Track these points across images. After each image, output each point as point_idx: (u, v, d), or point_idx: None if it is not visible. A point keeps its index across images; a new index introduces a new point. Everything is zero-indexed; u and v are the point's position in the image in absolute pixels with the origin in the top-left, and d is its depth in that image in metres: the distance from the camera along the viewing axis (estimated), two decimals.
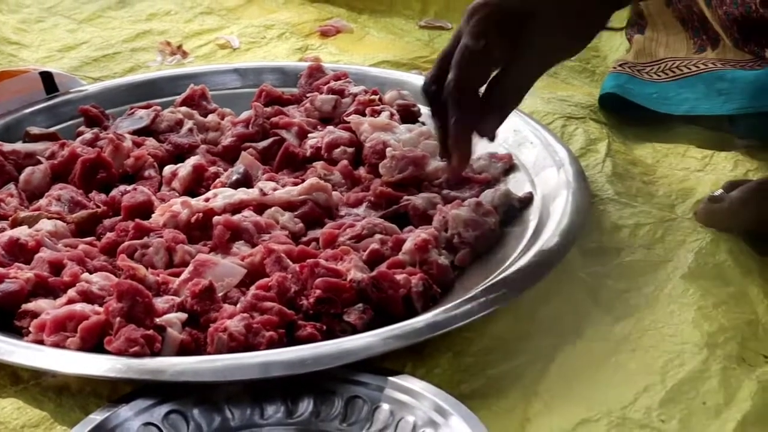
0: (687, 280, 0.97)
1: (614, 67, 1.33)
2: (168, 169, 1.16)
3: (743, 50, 1.21)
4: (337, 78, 1.30)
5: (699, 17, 1.27)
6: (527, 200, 1.09)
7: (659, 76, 1.28)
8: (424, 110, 1.26)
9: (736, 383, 0.85)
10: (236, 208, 1.07)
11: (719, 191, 1.06)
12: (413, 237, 1.01)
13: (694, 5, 1.26)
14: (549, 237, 1.00)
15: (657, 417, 0.82)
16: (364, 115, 1.23)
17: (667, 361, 0.88)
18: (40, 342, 0.90)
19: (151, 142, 1.21)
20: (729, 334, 0.90)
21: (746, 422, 0.81)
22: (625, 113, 1.29)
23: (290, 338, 0.91)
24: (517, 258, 0.99)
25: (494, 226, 1.03)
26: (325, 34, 1.61)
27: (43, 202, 1.10)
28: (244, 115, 1.25)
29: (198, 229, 1.05)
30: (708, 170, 1.18)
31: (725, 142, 1.24)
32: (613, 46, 1.47)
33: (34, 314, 0.92)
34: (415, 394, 0.83)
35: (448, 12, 1.66)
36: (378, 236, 1.01)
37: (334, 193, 1.10)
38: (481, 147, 1.16)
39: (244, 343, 0.88)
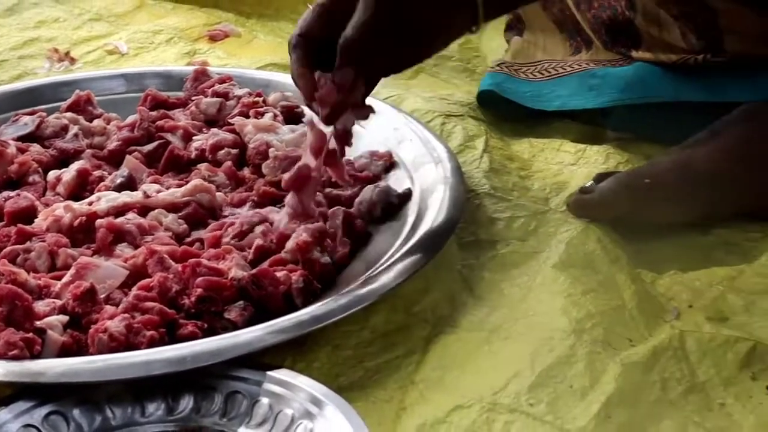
0: (558, 270, 0.98)
1: (492, 67, 1.34)
2: (52, 174, 1.14)
3: (612, 51, 1.23)
4: (221, 81, 1.30)
5: (572, 20, 1.29)
6: (406, 196, 1.10)
7: (535, 76, 1.30)
8: (308, 111, 1.26)
9: (601, 366, 0.86)
10: (119, 210, 1.06)
11: (590, 183, 1.08)
12: (296, 235, 1.01)
13: (567, 9, 1.29)
14: (426, 231, 1.01)
15: (526, 401, 0.83)
16: (248, 117, 1.23)
17: (537, 347, 0.89)
18: None
19: (35, 148, 1.19)
20: (596, 319, 0.92)
21: (610, 403, 0.83)
22: (503, 110, 1.31)
23: (172, 337, 0.90)
24: (395, 252, 1.00)
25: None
26: (213, 38, 1.60)
27: None
28: (130, 119, 1.24)
29: (81, 232, 1.04)
30: (581, 163, 1.20)
31: (598, 136, 1.27)
32: (493, 47, 1.49)
33: None
34: (293, 387, 0.83)
35: None
36: (259, 229, 1.02)
37: (218, 193, 1.10)
38: (362, 146, 1.18)
39: (125, 343, 0.88)
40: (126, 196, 1.07)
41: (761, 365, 0.88)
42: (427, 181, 1.10)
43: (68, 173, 1.13)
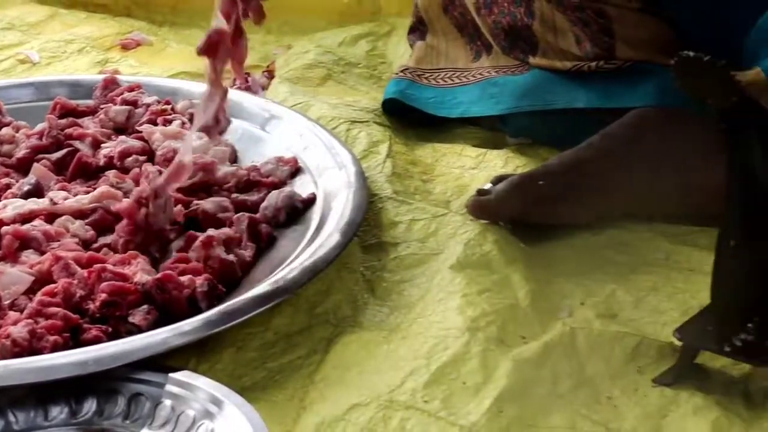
0: (455, 270, 1.00)
1: (396, 73, 1.36)
2: None
3: (510, 56, 1.25)
4: (130, 89, 1.30)
5: (473, 24, 1.31)
6: (310, 201, 1.11)
7: (438, 82, 1.32)
8: None
9: (494, 363, 0.88)
10: (26, 218, 1.06)
11: (488, 185, 1.10)
12: (203, 236, 1.02)
13: (468, 13, 1.30)
14: (329, 234, 1.03)
15: (421, 398, 0.85)
16: (156, 124, 1.23)
17: (433, 345, 0.90)
18: None
19: None
20: (490, 318, 0.93)
21: (502, 398, 0.84)
22: (407, 116, 1.32)
23: (77, 342, 0.90)
24: (298, 255, 1.01)
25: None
26: (125, 47, 1.60)
27: None
28: (39, 127, 1.24)
29: None
30: (481, 167, 1.22)
31: (498, 141, 1.29)
32: (398, 52, 1.51)
33: None
34: (194, 389, 0.84)
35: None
36: None
37: (125, 200, 1.10)
38: (268, 152, 1.19)
39: (28, 348, 0.87)
40: (32, 203, 1.07)
41: (647, 359, 0.91)
42: (330, 186, 1.12)
43: None
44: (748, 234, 0.81)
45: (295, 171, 1.17)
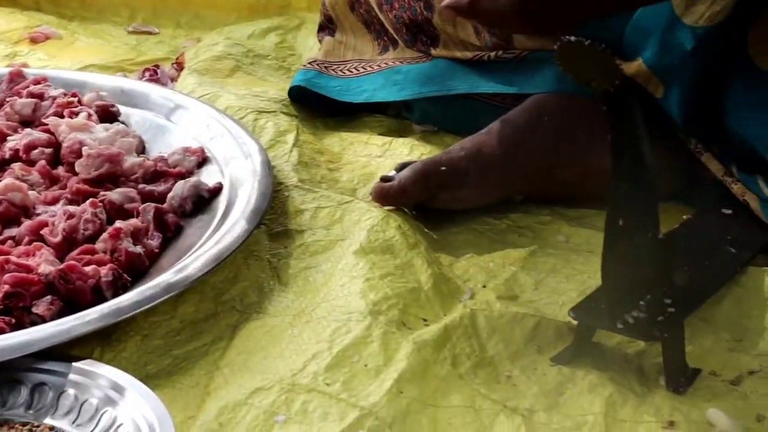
0: (358, 255, 1.00)
1: (304, 65, 1.36)
2: None
3: (413, 49, 1.25)
4: (36, 82, 1.28)
5: (378, 21, 1.31)
6: (216, 190, 1.10)
7: (344, 73, 1.32)
8: (123, 109, 1.26)
9: (395, 345, 0.88)
10: None
11: (392, 172, 1.10)
12: (110, 228, 1.01)
13: (372, 10, 1.30)
14: (234, 222, 1.02)
15: (323, 381, 0.85)
16: (62, 116, 1.21)
17: (335, 329, 0.90)
18: None
19: None
20: (392, 301, 0.93)
21: (402, 379, 0.84)
22: (315, 106, 1.32)
23: None
24: (204, 243, 1.00)
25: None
26: (34, 40, 1.58)
27: None
28: None
29: None
30: (387, 155, 1.22)
31: (404, 130, 1.29)
32: (307, 45, 1.50)
33: None
34: (96, 377, 0.83)
35: (155, 18, 1.66)
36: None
37: (31, 192, 1.08)
38: (175, 142, 1.18)
39: None
40: None
41: (546, 339, 0.91)
42: (237, 175, 1.11)
43: None
44: (635, 213, 0.82)
45: (202, 161, 1.16)
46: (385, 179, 1.08)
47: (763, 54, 0.96)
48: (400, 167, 1.10)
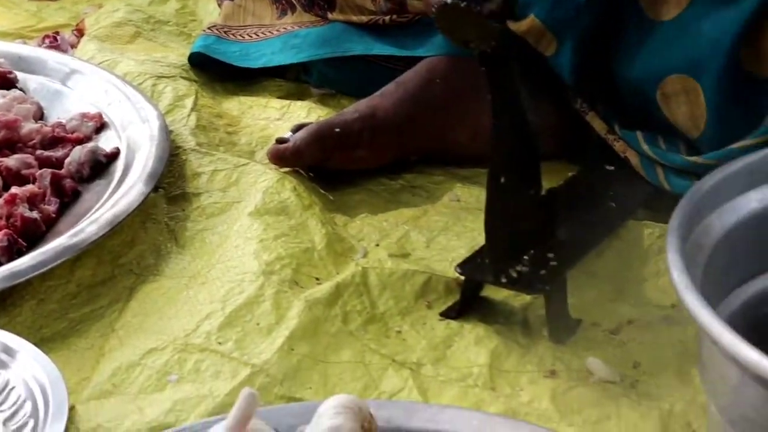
0: (253, 217, 1.00)
1: (204, 30, 1.34)
2: None
3: (311, 13, 1.25)
4: None
5: None
6: (114, 155, 1.10)
7: (243, 38, 1.31)
8: (21, 76, 1.24)
9: (286, 304, 0.88)
10: None
11: (288, 134, 1.10)
12: (6, 194, 1.00)
13: None
14: (131, 186, 1.01)
15: (215, 340, 0.85)
16: None
17: (229, 290, 0.90)
18: None
19: None
20: (285, 261, 0.94)
21: (293, 337, 0.85)
22: (215, 71, 1.31)
23: None
24: (100, 207, 1.00)
25: None
26: None
27: None
28: None
29: None
30: (286, 118, 1.22)
31: (303, 93, 1.29)
32: (208, 10, 1.49)
33: None
34: None
35: None
36: None
37: None
38: (73, 108, 1.16)
39: None
40: None
41: (435, 295, 0.92)
42: (134, 140, 1.10)
43: None
44: (516, 171, 0.83)
45: (100, 126, 1.15)
46: (280, 141, 1.08)
47: (653, 5, 0.97)
48: (296, 129, 1.10)
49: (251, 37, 1.31)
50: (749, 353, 0.54)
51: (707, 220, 0.69)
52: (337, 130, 1.07)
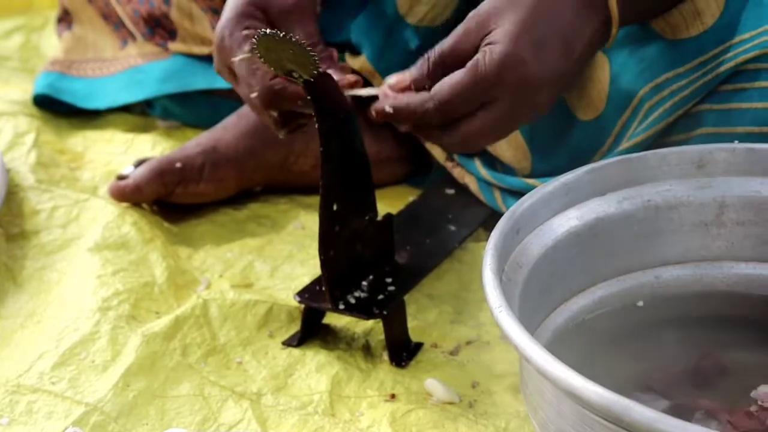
0: (92, 252, 0.98)
1: (46, 66, 1.31)
2: None
3: (152, 43, 1.23)
4: None
5: (116, 13, 1.28)
6: None
7: (87, 73, 1.28)
8: None
9: (123, 340, 0.87)
10: None
11: (129, 168, 1.08)
12: None
13: (110, 2, 1.27)
14: None
15: (48, 380, 0.83)
16: None
17: (64, 328, 0.88)
18: None
19: None
20: (123, 296, 0.92)
21: (129, 373, 0.83)
22: (61, 107, 1.28)
23: None
24: None
25: None
26: None
27: None
28: None
29: None
30: (130, 152, 1.20)
31: (149, 126, 1.27)
32: (51, 44, 1.46)
33: None
34: None
35: None
36: None
37: None
38: None
39: None
40: None
41: (278, 324, 0.92)
42: None
43: None
44: (349, 198, 0.83)
45: None
46: (121, 177, 1.06)
47: None
48: (138, 164, 1.08)
49: (94, 72, 1.29)
50: (557, 369, 0.55)
51: (526, 240, 0.69)
52: (179, 165, 1.06)
